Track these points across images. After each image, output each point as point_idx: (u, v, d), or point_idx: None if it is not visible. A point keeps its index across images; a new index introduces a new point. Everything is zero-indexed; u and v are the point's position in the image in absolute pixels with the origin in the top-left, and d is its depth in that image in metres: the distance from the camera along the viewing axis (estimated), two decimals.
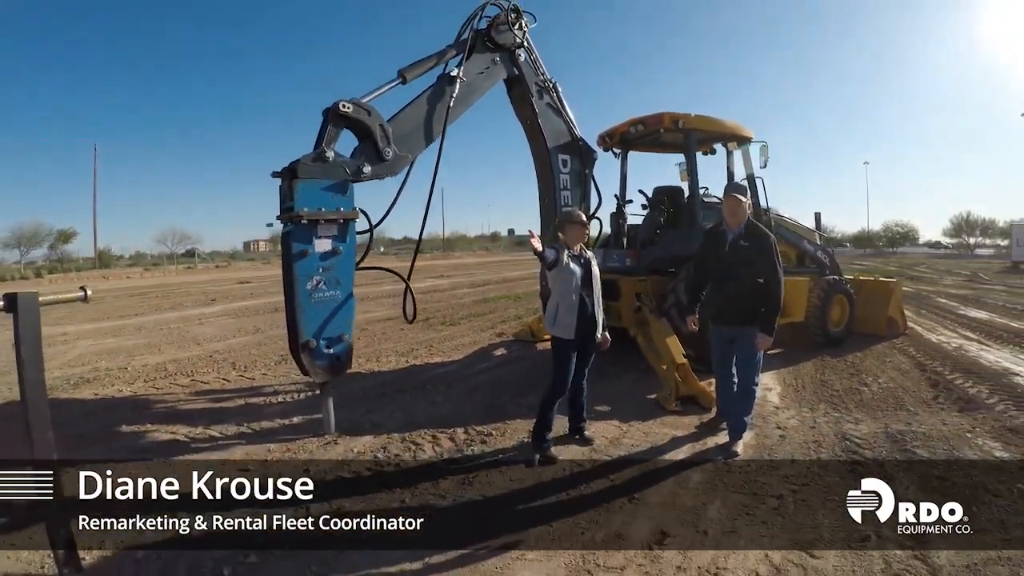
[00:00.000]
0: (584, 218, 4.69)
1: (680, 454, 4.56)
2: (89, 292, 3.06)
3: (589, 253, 4.60)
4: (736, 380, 4.68)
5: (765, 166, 7.95)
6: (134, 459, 4.56)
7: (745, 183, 7.24)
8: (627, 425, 5.26)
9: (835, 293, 8.56)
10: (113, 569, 3.09)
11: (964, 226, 60.11)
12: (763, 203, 8.09)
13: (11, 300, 2.67)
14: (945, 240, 64.43)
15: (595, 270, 4.54)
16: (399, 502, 3.79)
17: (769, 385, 6.54)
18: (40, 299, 2.76)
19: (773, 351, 8.08)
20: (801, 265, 9.05)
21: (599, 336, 4.55)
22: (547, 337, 6.08)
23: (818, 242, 9.46)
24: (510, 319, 12.04)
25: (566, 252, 4.39)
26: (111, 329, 12.15)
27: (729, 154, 8.51)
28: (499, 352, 8.93)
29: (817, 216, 10.11)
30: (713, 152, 8.66)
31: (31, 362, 2.71)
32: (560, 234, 4.51)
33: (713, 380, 5.24)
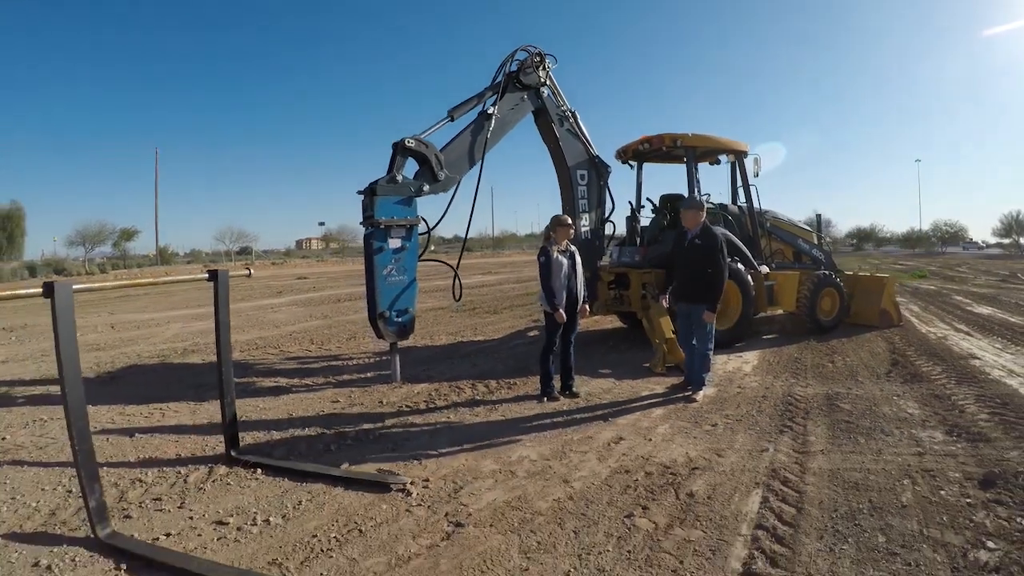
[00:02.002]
0: (570, 221, 6.31)
1: (652, 400, 6.10)
2: (252, 271, 4.78)
3: (573, 248, 6.22)
4: (695, 346, 6.17)
5: (757, 175, 9.37)
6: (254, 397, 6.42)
7: (702, 199, 8.53)
8: (620, 382, 6.84)
9: (825, 286, 9.76)
10: (263, 447, 4.81)
11: (1015, 226, 58.41)
12: (757, 206, 9.48)
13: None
14: (991, 240, 62.60)
15: (578, 260, 6.17)
16: (444, 420, 5.51)
17: (748, 360, 7.93)
18: (230, 273, 4.49)
19: (767, 335, 9.48)
20: (797, 261, 10.34)
21: (580, 307, 6.18)
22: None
23: (815, 241, 10.71)
24: None
25: (555, 248, 6.00)
26: (193, 315, 14.20)
27: (732, 165, 9.90)
28: (532, 333, 10.64)
29: (818, 217, 11.39)
30: (718, 162, 10.05)
31: (224, 327, 4.42)
32: (551, 233, 6.11)
33: None
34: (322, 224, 74.25)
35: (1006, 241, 59.09)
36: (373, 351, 9.05)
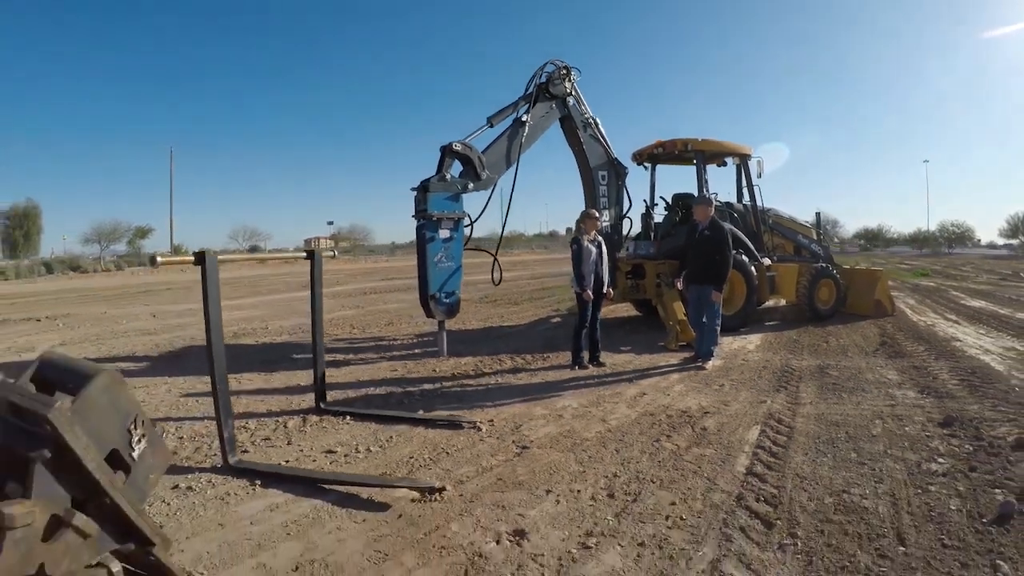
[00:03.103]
0: (597, 214, 7.35)
1: (668, 369, 7.07)
2: (336, 253, 5.75)
3: (600, 238, 7.21)
4: (705, 323, 7.13)
5: (760, 176, 10.32)
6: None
7: (710, 196, 9.46)
8: (639, 356, 7.83)
9: (822, 277, 10.69)
10: (343, 403, 5.78)
11: (1021, 226, 59.06)
12: (760, 204, 10.44)
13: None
14: (999, 241, 63.07)
15: (604, 249, 7.15)
16: (494, 382, 6.50)
17: (752, 341, 8.88)
18: (322, 254, 5.45)
19: (769, 323, 10.41)
20: (797, 255, 11.29)
21: (606, 290, 7.18)
22: None
23: (814, 237, 11.65)
24: (565, 300, 14.68)
25: (585, 237, 6.97)
26: (230, 306, 15.01)
27: (738, 167, 10.86)
28: (555, 319, 11.69)
29: (817, 215, 12.31)
30: (724, 164, 11.01)
31: (318, 298, 5.38)
32: (581, 225, 7.08)
33: None
34: (331, 223, 75.34)
35: (1014, 242, 59.63)
36: (414, 334, 10.04)
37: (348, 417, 5.32)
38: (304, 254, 5.48)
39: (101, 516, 2.20)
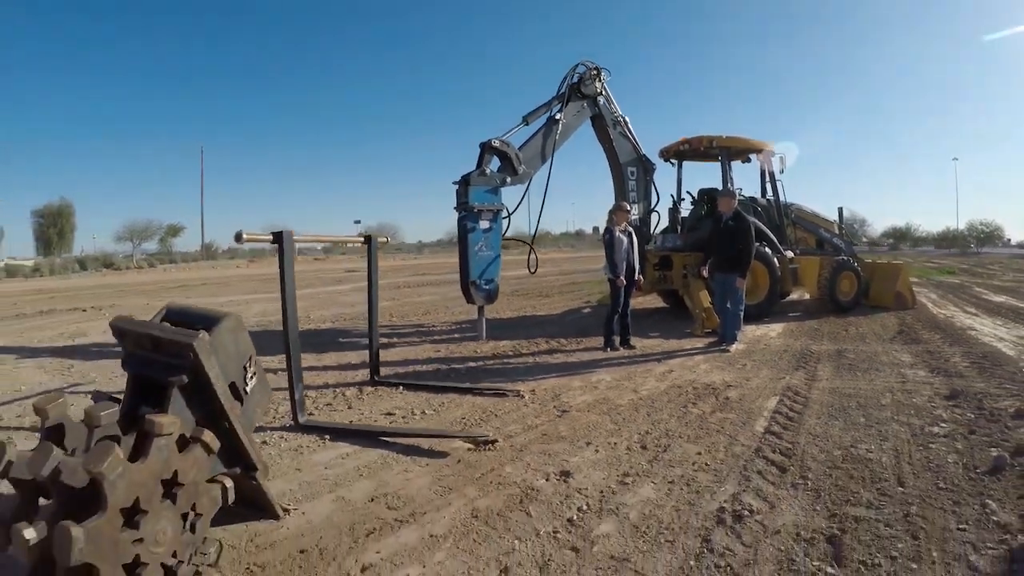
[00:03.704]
0: (628, 207, 7.86)
1: (694, 351, 7.55)
2: (388, 239, 6.29)
3: (631, 228, 7.69)
4: (729, 308, 7.58)
5: (783, 172, 10.73)
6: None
7: (734, 189, 9.79)
8: (667, 340, 8.31)
9: (843, 270, 11.03)
10: (394, 377, 6.33)
11: None
12: (783, 199, 10.84)
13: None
14: None
15: (635, 239, 7.63)
16: (532, 361, 7.03)
17: (774, 328, 9.30)
18: (380, 239, 6.01)
19: (792, 314, 10.79)
20: (819, 248, 11.65)
21: (637, 278, 7.68)
22: None
23: (836, 231, 12.00)
24: (594, 293, 15.22)
25: (617, 228, 7.46)
26: (270, 298, 15.68)
27: (761, 163, 11.25)
28: (586, 310, 12.26)
29: (839, 211, 12.64)
30: (748, 160, 11.40)
31: (374, 284, 5.93)
32: (613, 216, 7.58)
33: None
34: (358, 222, 76.40)
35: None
36: (451, 321, 10.63)
37: (401, 388, 5.85)
38: (362, 239, 6.00)
39: (219, 439, 2.63)
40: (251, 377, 3.08)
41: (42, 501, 2.26)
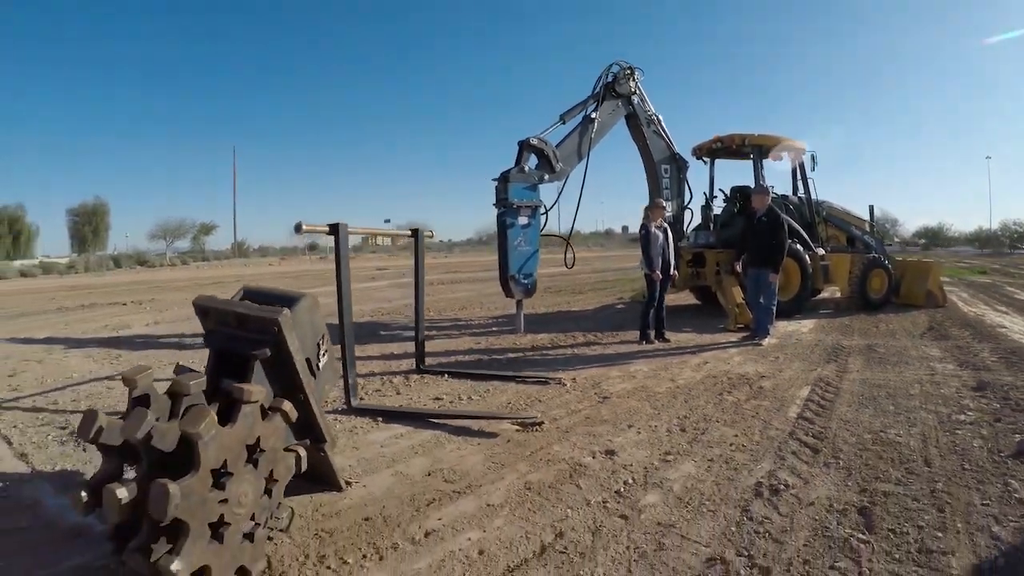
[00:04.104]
0: (664, 203, 8.12)
1: (727, 344, 7.79)
2: (433, 233, 6.64)
3: (667, 224, 7.93)
4: (761, 303, 7.79)
5: (814, 170, 10.87)
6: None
7: (767, 185, 9.90)
8: (701, 335, 8.55)
9: (874, 267, 11.12)
10: (435, 364, 6.65)
11: None
12: (814, 196, 10.98)
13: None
14: None
15: (670, 234, 7.89)
16: (570, 352, 7.32)
17: (806, 325, 9.47)
18: (426, 233, 6.31)
19: (823, 311, 10.93)
20: (850, 246, 11.76)
21: (672, 272, 7.93)
22: None
23: (867, 229, 12.09)
24: (627, 291, 15.49)
25: (652, 224, 7.71)
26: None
27: (793, 161, 11.40)
28: (620, 306, 12.55)
29: (870, 208, 12.71)
30: (780, 159, 11.53)
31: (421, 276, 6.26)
32: (649, 212, 7.83)
33: None
34: (387, 221, 77.05)
35: None
36: (488, 316, 10.98)
37: (446, 376, 6.18)
38: (409, 232, 6.30)
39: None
40: (323, 354, 3.34)
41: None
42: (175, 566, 2.13)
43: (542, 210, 8.13)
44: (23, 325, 10.86)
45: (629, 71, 9.29)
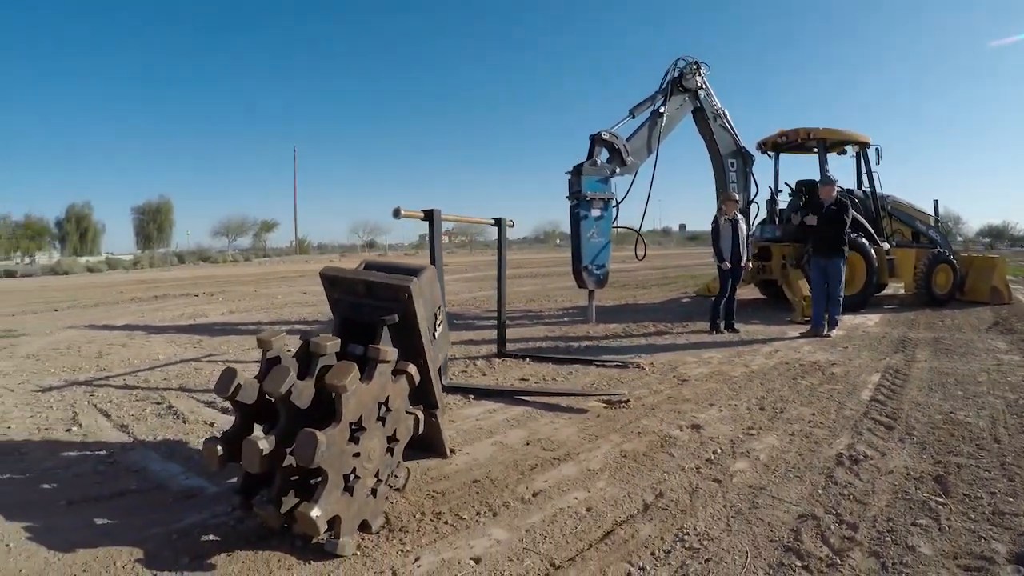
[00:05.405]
0: (736, 197, 8.42)
1: (795, 336, 8.06)
2: (514, 223, 7.09)
3: (739, 217, 8.24)
4: (828, 292, 8.01)
5: (879, 163, 10.95)
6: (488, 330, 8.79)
7: (833, 176, 9.73)
8: (768, 327, 8.85)
9: (939, 262, 11.15)
10: (515, 350, 7.12)
11: None
12: (879, 190, 11.07)
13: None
14: None
15: (742, 227, 8.20)
16: (644, 340, 7.73)
17: (872, 319, 9.64)
18: (508, 223, 6.77)
19: (888, 306, 11.03)
20: (915, 240, 11.79)
21: (744, 263, 8.22)
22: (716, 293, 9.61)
23: (932, 223, 12.09)
24: (690, 286, 15.81)
25: (723, 217, 8.04)
26: None
27: (857, 155, 11.48)
28: (685, 300, 12.90)
29: (935, 203, 12.68)
30: (845, 152, 11.64)
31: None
32: (722, 206, 8.12)
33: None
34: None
35: None
36: (557, 308, 11.48)
37: (528, 359, 6.63)
38: (492, 221, 6.71)
39: None
40: (440, 323, 3.61)
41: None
42: (315, 512, 2.26)
43: (614, 203, 8.49)
44: (100, 314, 11.71)
45: (695, 66, 9.54)
